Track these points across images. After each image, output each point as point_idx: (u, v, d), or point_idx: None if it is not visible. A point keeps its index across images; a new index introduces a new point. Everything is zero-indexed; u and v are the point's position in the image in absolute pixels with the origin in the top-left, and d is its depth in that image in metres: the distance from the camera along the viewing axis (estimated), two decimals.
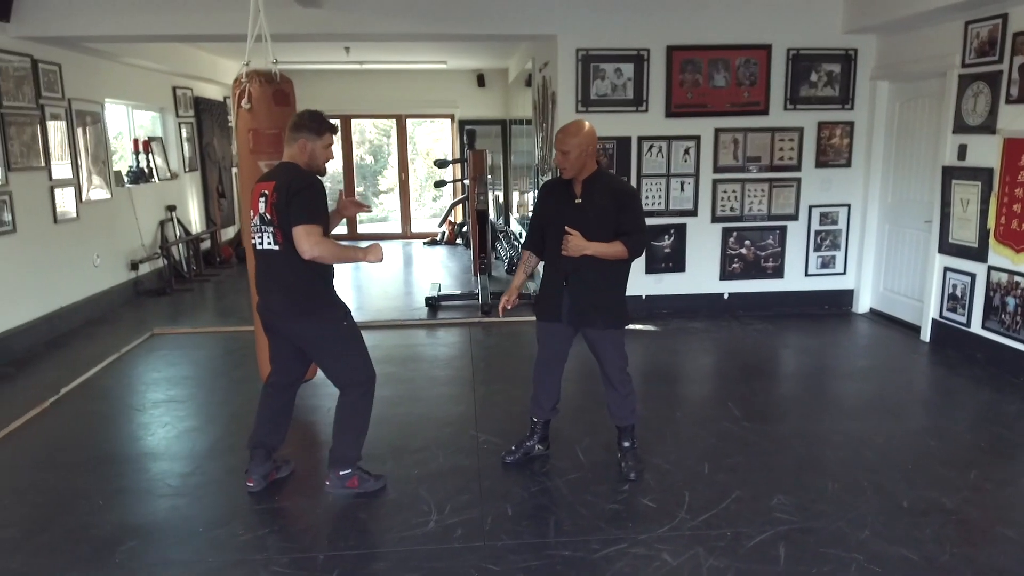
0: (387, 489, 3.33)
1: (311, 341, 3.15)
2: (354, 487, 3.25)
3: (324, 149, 3.12)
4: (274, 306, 3.10)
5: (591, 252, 3.17)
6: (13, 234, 5.53)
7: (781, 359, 5.41)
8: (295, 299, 3.05)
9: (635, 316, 6.18)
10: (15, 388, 4.80)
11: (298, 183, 2.97)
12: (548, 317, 3.41)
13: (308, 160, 3.09)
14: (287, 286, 3.05)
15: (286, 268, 3.02)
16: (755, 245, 6.34)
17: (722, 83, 6.02)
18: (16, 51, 5.60)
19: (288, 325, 3.11)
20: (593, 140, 3.23)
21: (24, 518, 3.17)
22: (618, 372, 3.39)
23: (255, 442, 3.30)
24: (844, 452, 3.67)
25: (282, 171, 3.05)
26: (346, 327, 3.17)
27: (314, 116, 3.11)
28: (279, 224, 2.97)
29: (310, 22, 5.66)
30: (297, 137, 3.07)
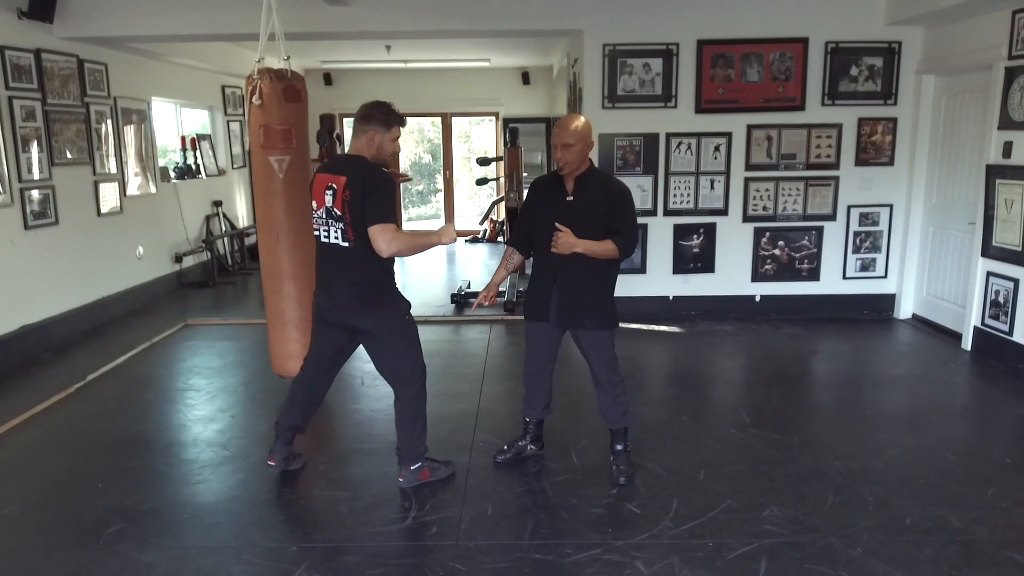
0: (373, 484, 3.33)
1: (374, 334, 3.14)
2: (426, 478, 3.28)
3: (392, 142, 3.09)
4: (340, 299, 3.09)
5: (581, 250, 3.10)
6: (55, 226, 5.78)
7: (808, 365, 5.19)
8: (363, 293, 3.06)
9: (662, 317, 6.08)
10: (48, 373, 5.01)
11: (372, 181, 2.94)
12: (536, 316, 3.35)
13: (376, 153, 3.05)
14: (355, 281, 3.05)
15: (355, 264, 3.03)
16: (789, 246, 6.11)
17: (755, 78, 5.81)
18: (62, 51, 5.84)
19: (354, 319, 3.10)
20: (591, 134, 3.18)
21: (25, 498, 3.30)
22: (607, 373, 3.31)
23: (285, 424, 3.35)
24: (853, 464, 3.49)
25: (352, 166, 3.01)
26: (408, 321, 3.18)
27: (383, 108, 3.08)
28: (351, 222, 2.96)
29: (337, 20, 5.71)
30: (365, 129, 3.03)
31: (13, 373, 4.99)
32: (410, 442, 3.24)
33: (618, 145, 5.92)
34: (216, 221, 8.65)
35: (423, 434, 3.27)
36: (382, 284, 3.12)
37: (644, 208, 6.01)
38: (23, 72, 5.41)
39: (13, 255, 5.30)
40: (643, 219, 6.03)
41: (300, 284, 4.39)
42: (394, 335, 3.16)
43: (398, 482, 3.29)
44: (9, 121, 5.26)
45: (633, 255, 5.97)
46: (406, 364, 3.19)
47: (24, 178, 5.41)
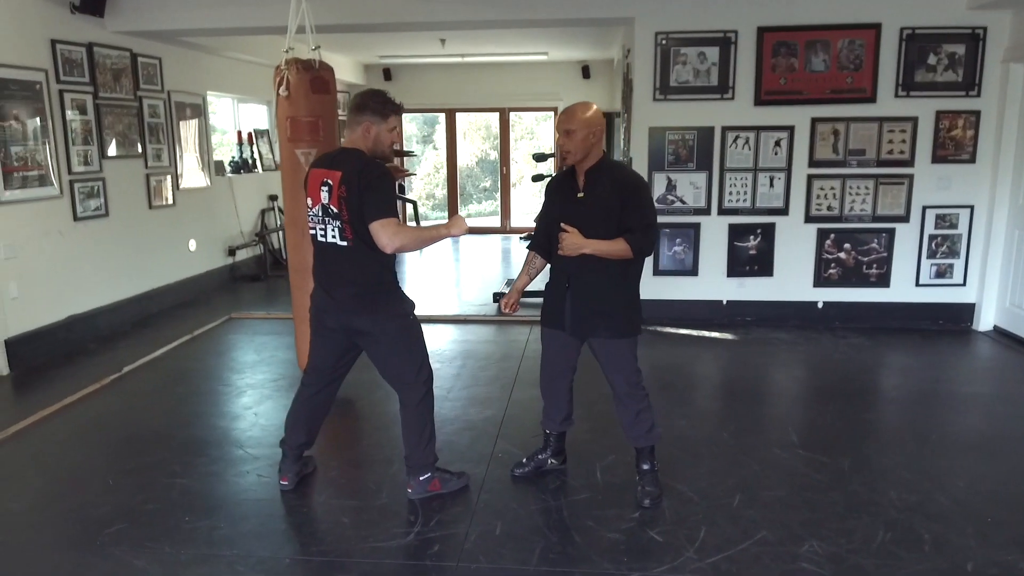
0: (383, 494, 3.17)
1: (376, 336, 2.96)
2: (437, 489, 3.11)
3: (389, 132, 2.90)
4: (341, 301, 2.92)
5: (590, 251, 2.84)
6: (105, 218, 5.86)
7: (871, 379, 4.76)
8: (363, 293, 2.89)
9: (714, 322, 5.73)
10: (90, 363, 5.06)
11: (368, 175, 2.77)
12: (550, 323, 3.12)
13: (372, 145, 2.88)
14: (355, 281, 2.88)
15: (355, 263, 2.86)
16: (856, 249, 5.65)
17: (821, 67, 5.39)
18: (115, 45, 5.92)
19: (354, 320, 2.94)
20: (601, 124, 2.89)
21: (36, 492, 3.28)
22: (627, 386, 3.03)
23: (291, 444, 3.20)
24: (911, 494, 3.11)
25: (347, 160, 2.84)
26: (411, 322, 3.01)
27: (378, 96, 2.90)
28: (349, 219, 2.79)
29: (382, 11, 5.59)
30: (360, 120, 2.86)
31: (57, 362, 5.07)
32: (418, 451, 3.06)
33: (670, 139, 5.60)
34: (271, 215, 8.71)
35: (431, 442, 3.09)
36: (384, 284, 2.94)
37: (697, 206, 5.68)
38: (74, 66, 5.49)
39: (62, 246, 5.38)
40: (696, 218, 5.70)
41: None
42: (397, 337, 2.97)
43: (407, 493, 3.11)
44: (60, 114, 5.34)
45: (687, 262, 5.75)
46: (410, 368, 3.01)
47: (74, 171, 5.50)
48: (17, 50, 4.94)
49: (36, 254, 5.13)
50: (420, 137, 14.16)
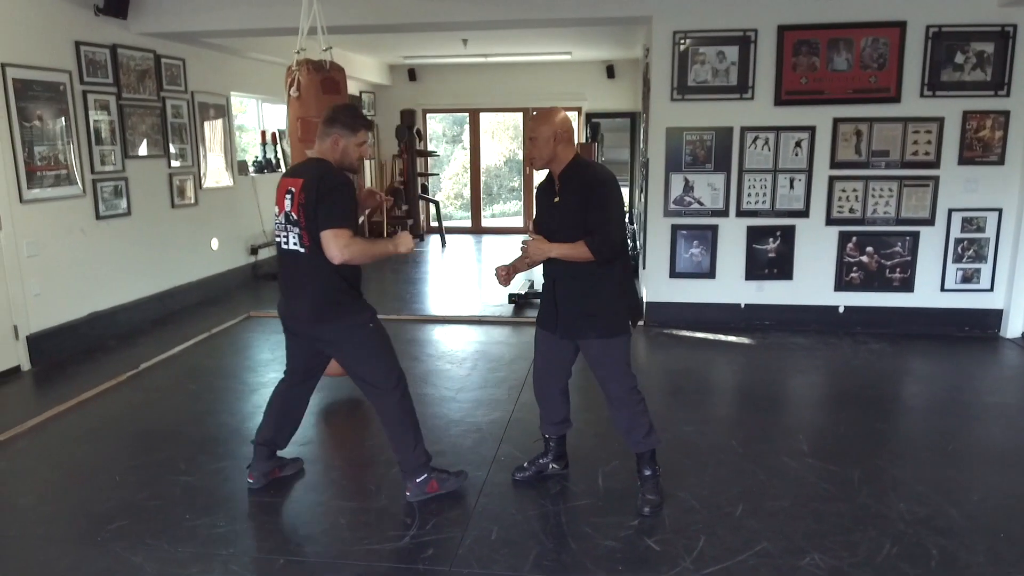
0: (382, 496, 3.16)
1: (337, 346, 2.99)
2: (435, 490, 3.09)
3: (357, 147, 2.94)
4: (298, 310, 2.95)
5: (555, 255, 2.84)
6: (127, 217, 5.96)
7: (890, 386, 4.63)
8: (320, 303, 2.89)
9: (731, 326, 5.65)
10: (110, 360, 5.15)
11: (327, 183, 2.79)
12: (543, 325, 3.12)
13: (340, 157, 2.91)
14: (312, 290, 2.89)
15: (312, 271, 2.87)
16: (879, 252, 5.52)
17: (843, 66, 5.27)
18: (139, 47, 6.02)
19: (313, 329, 2.96)
20: (567, 128, 2.89)
21: (45, 486, 3.34)
22: (617, 389, 2.99)
23: (259, 439, 3.24)
24: (921, 507, 3.02)
25: (311, 168, 2.88)
26: (372, 329, 3.00)
27: (349, 111, 2.97)
28: (306, 226, 2.81)
29: (398, 11, 5.60)
30: (330, 132, 2.90)
31: (78, 358, 5.16)
32: (406, 454, 3.05)
33: (687, 140, 5.52)
34: None
35: (419, 443, 3.07)
36: (340, 293, 2.92)
37: (715, 208, 5.60)
38: (98, 67, 5.59)
39: (84, 244, 5.48)
40: (713, 220, 5.61)
41: None
42: (359, 346, 2.98)
43: (405, 496, 3.11)
44: (83, 115, 5.44)
45: (704, 264, 5.67)
46: (378, 375, 3.00)
47: (97, 170, 5.60)
48: (41, 52, 5.04)
49: (58, 252, 5.23)
50: (450, 137, 14.21)
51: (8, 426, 3.92)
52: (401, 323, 6.10)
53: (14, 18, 4.84)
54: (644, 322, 5.86)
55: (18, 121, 4.84)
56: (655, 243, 5.75)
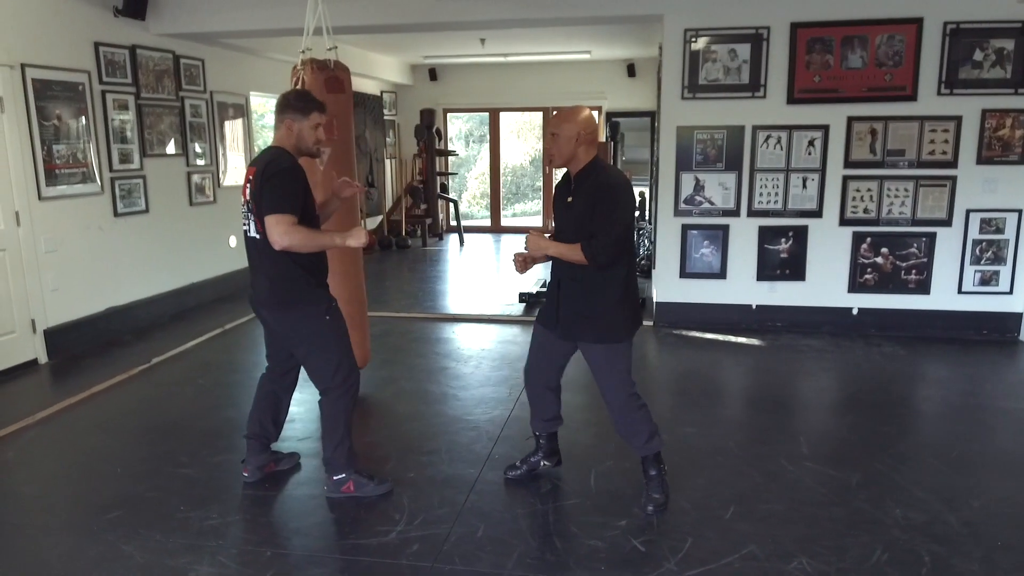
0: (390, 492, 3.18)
1: (290, 333, 3.04)
2: (350, 491, 3.10)
3: (312, 129, 2.94)
4: (257, 295, 3.01)
5: (553, 253, 2.85)
6: (146, 214, 6.08)
7: (900, 390, 4.54)
8: (275, 289, 2.94)
9: (742, 327, 5.58)
10: (124, 354, 5.25)
11: (271, 169, 2.82)
12: (543, 322, 3.10)
13: (296, 142, 2.93)
14: (268, 276, 2.93)
15: (265, 258, 2.91)
16: (894, 254, 5.41)
17: (858, 64, 5.18)
18: (158, 47, 6.13)
19: (270, 315, 3.02)
20: (592, 128, 2.83)
21: (50, 476, 3.43)
22: (615, 395, 2.97)
23: (249, 432, 3.28)
24: (917, 513, 2.96)
25: (263, 156, 2.93)
26: (329, 321, 3.01)
27: (299, 95, 2.98)
28: (257, 212, 2.86)
29: (406, 11, 5.63)
30: (283, 118, 2.92)
31: (92, 352, 5.27)
32: (330, 451, 3.07)
33: (698, 139, 5.47)
34: None
35: (343, 444, 3.07)
36: (294, 281, 2.92)
37: (726, 208, 5.54)
38: (117, 67, 5.71)
39: (101, 241, 5.60)
40: (724, 220, 5.56)
41: (338, 278, 4.33)
42: (310, 336, 2.99)
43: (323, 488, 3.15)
44: (102, 114, 5.56)
45: (715, 265, 5.60)
46: (326, 367, 3.00)
47: (115, 168, 5.71)
48: (61, 52, 5.16)
49: (76, 248, 5.35)
50: (476, 136, 14.24)
51: (19, 417, 4.02)
52: (412, 320, 6.14)
53: (34, 20, 4.97)
54: (653, 322, 5.82)
55: (37, 120, 4.96)
56: (665, 243, 5.71)
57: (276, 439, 3.37)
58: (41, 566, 2.70)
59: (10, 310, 4.83)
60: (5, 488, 3.30)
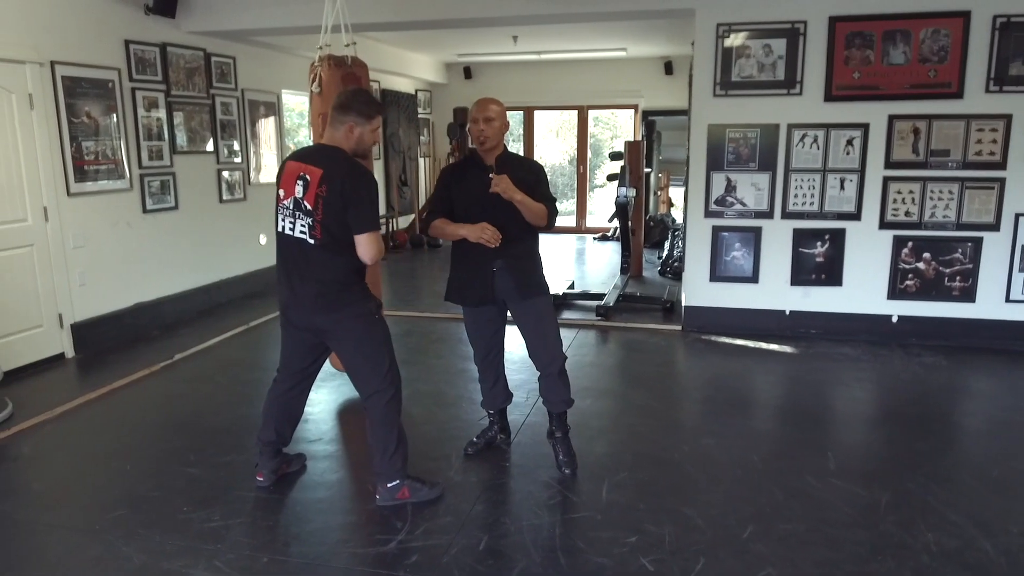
0: (377, 498, 3.10)
1: (339, 335, 2.93)
2: (405, 498, 3.02)
3: (372, 133, 2.89)
4: (304, 298, 2.89)
5: (519, 199, 3.05)
6: (175, 211, 6.13)
7: (938, 404, 4.30)
8: (327, 293, 2.84)
9: (775, 333, 5.39)
10: (149, 350, 5.29)
11: (357, 182, 2.74)
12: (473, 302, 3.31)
13: (355, 146, 2.86)
14: (321, 279, 2.83)
15: (322, 262, 2.82)
16: (937, 259, 5.15)
17: (900, 60, 4.93)
18: (188, 45, 6.17)
19: (316, 318, 2.91)
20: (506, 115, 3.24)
21: (60, 473, 3.43)
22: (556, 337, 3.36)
23: (263, 439, 3.21)
24: (950, 539, 2.77)
25: (330, 158, 2.81)
26: (378, 320, 2.96)
27: (361, 96, 2.89)
28: (323, 220, 2.75)
29: (430, 7, 5.56)
30: (344, 119, 2.83)
31: (118, 347, 5.32)
32: (385, 458, 2.97)
33: (730, 138, 5.28)
34: None
35: (399, 449, 2.99)
36: (348, 284, 2.87)
37: (759, 209, 5.34)
38: (147, 65, 5.76)
39: (130, 237, 5.66)
40: (757, 222, 5.36)
41: None
42: (359, 337, 2.91)
43: (375, 499, 3.04)
44: (132, 111, 5.61)
45: (746, 268, 5.41)
46: (375, 369, 2.93)
47: (144, 165, 5.76)
48: (91, 50, 5.22)
49: (105, 244, 5.41)
50: (516, 135, 14.13)
51: (40, 411, 4.06)
52: (435, 321, 6.07)
53: (65, 18, 5.02)
54: (681, 327, 5.66)
55: (67, 117, 5.02)
56: (695, 245, 5.53)
57: (288, 444, 3.31)
58: (40, 564, 2.69)
59: (38, 304, 4.90)
60: (16, 483, 3.32)
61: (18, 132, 4.68)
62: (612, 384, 4.58)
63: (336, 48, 4.18)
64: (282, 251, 2.91)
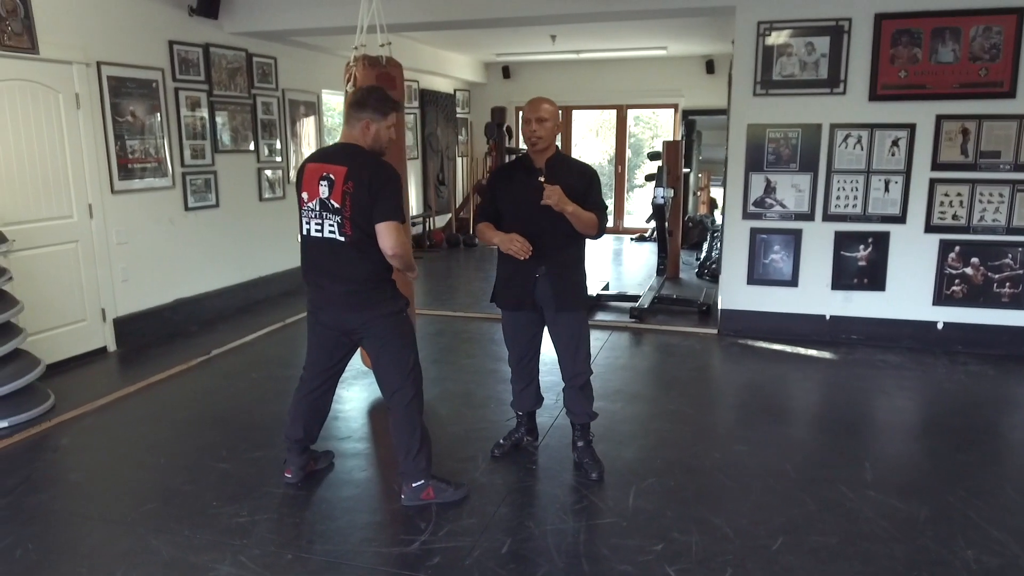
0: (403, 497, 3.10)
1: (371, 333, 2.95)
2: (430, 498, 3.02)
3: (387, 130, 2.90)
4: (334, 297, 2.91)
5: (570, 210, 2.98)
6: (216, 209, 6.24)
7: (983, 415, 4.13)
8: (359, 290, 2.87)
9: (814, 338, 5.28)
10: (188, 345, 5.39)
11: (382, 175, 2.77)
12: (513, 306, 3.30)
13: (372, 143, 2.87)
14: (352, 278, 2.85)
15: (353, 260, 2.83)
16: (986, 264, 4.96)
17: (949, 58, 4.77)
18: (231, 46, 6.27)
19: (349, 316, 2.93)
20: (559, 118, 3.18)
21: (97, 465, 3.51)
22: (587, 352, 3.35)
23: (291, 436, 3.24)
24: (992, 556, 2.66)
25: (352, 156, 2.83)
26: (403, 319, 2.98)
27: (378, 94, 2.90)
28: (352, 216, 2.77)
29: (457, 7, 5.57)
30: (361, 117, 2.85)
31: (158, 341, 5.44)
32: (409, 458, 2.97)
33: (770, 138, 5.17)
34: None
35: (423, 449, 2.99)
36: (379, 282, 2.88)
37: (799, 211, 5.22)
38: (190, 65, 5.87)
39: (172, 233, 5.78)
40: (797, 224, 5.24)
41: None
42: (387, 336, 2.92)
43: (400, 499, 3.05)
44: (175, 111, 5.73)
45: (785, 271, 5.30)
46: (400, 368, 2.94)
47: (187, 163, 5.88)
48: (136, 51, 5.34)
49: (147, 240, 5.53)
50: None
51: (80, 403, 4.16)
52: (468, 320, 6.07)
53: (111, 20, 5.14)
54: (717, 330, 5.56)
55: (112, 116, 5.15)
56: (732, 247, 5.43)
57: (315, 440, 3.33)
58: (72, 555, 2.75)
59: (81, 299, 5.03)
60: (54, 474, 3.40)
61: (64, 131, 4.81)
62: (644, 388, 4.51)
63: (372, 48, 4.19)
64: (310, 254, 2.92)
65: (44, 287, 4.72)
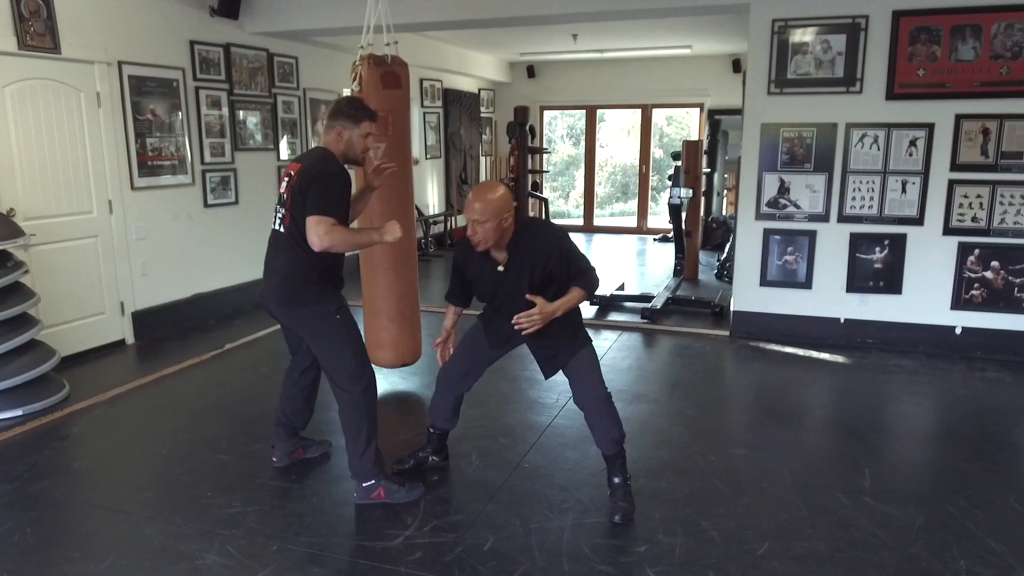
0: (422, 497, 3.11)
1: (305, 332, 3.04)
2: (381, 498, 3.05)
3: (361, 138, 2.97)
4: (269, 290, 3.00)
5: (562, 312, 2.81)
6: (235, 206, 6.35)
7: (996, 422, 4.01)
8: (286, 284, 2.93)
9: (828, 342, 5.20)
10: (204, 339, 5.50)
11: (319, 169, 2.83)
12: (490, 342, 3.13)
13: (344, 149, 2.95)
14: (281, 269, 2.94)
15: (286, 252, 2.91)
16: (1007, 268, 4.83)
17: (970, 56, 4.64)
18: (252, 45, 6.38)
19: (278, 310, 3.01)
20: (509, 205, 2.73)
21: (101, 453, 3.61)
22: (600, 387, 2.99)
23: (277, 421, 3.34)
24: (988, 568, 2.58)
25: (311, 155, 2.97)
26: (338, 321, 2.98)
27: (352, 103, 3.01)
28: (291, 207, 2.86)
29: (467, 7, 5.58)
30: (334, 124, 2.95)
31: (175, 335, 5.56)
32: (356, 458, 3.00)
33: (784, 137, 5.09)
34: None
35: (368, 450, 2.99)
36: (307, 280, 2.90)
37: (813, 212, 5.13)
38: (211, 64, 5.98)
39: (191, 230, 5.90)
40: (811, 225, 5.15)
41: (392, 275, 4.35)
42: (318, 335, 2.98)
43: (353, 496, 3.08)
44: (195, 109, 5.85)
45: (799, 273, 5.21)
46: (341, 369, 2.96)
47: (207, 161, 6.00)
48: (157, 50, 5.46)
49: (166, 236, 5.65)
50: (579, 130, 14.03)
51: (94, 394, 4.28)
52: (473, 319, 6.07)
53: (133, 20, 5.27)
54: (729, 332, 5.49)
55: (132, 115, 5.27)
56: (745, 248, 5.36)
57: (303, 429, 3.40)
58: (67, 541, 2.83)
59: (101, 293, 5.16)
60: (59, 462, 3.50)
61: (86, 129, 4.95)
62: (648, 389, 4.48)
63: (379, 48, 4.22)
64: (268, 245, 3.04)
65: (65, 280, 4.86)
